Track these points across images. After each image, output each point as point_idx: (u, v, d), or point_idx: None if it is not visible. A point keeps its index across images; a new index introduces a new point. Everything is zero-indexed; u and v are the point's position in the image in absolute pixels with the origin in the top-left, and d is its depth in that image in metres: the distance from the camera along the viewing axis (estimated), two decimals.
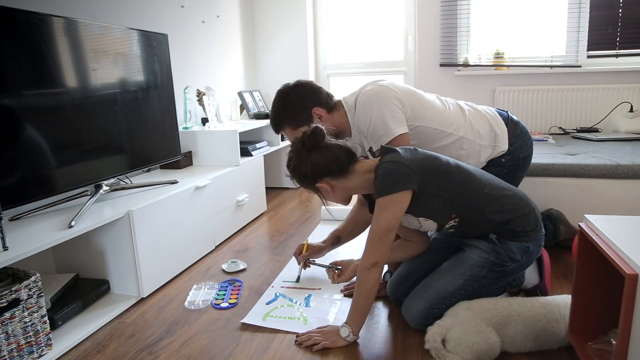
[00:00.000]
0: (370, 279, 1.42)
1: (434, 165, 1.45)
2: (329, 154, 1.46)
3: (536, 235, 1.50)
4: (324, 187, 1.48)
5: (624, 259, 1.05)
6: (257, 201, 2.92)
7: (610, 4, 3.21)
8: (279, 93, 1.73)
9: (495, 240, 1.47)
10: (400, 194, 1.38)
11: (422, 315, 1.48)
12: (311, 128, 1.47)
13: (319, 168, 1.46)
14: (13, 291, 1.33)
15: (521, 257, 1.48)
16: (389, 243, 1.42)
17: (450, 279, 1.49)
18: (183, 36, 2.91)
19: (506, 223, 1.46)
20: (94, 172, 1.86)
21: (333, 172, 1.46)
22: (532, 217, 1.49)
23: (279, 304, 1.74)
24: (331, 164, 1.45)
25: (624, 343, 1.03)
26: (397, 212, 1.39)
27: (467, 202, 1.46)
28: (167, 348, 1.50)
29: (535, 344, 1.37)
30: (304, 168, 1.47)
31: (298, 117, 1.67)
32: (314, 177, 1.47)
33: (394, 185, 1.38)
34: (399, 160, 1.41)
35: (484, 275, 1.48)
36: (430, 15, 3.57)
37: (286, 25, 3.88)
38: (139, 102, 2.08)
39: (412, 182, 1.39)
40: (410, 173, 1.39)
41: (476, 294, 1.49)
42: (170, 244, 2.01)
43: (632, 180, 2.11)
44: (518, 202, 1.49)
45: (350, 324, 1.46)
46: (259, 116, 3.35)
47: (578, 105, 3.33)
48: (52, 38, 1.64)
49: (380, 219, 1.40)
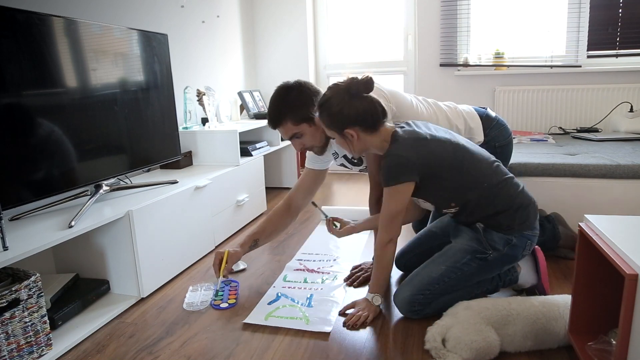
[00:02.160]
0: (388, 254, 1.59)
1: (438, 159, 1.52)
2: (369, 105, 1.51)
3: (522, 230, 1.54)
4: (351, 134, 1.52)
5: (624, 259, 1.05)
6: (257, 201, 2.92)
7: (610, 4, 3.21)
8: (281, 88, 1.72)
9: (480, 229, 1.55)
10: (403, 185, 1.51)
11: (407, 301, 1.57)
12: (365, 77, 1.49)
13: (357, 115, 1.49)
14: (13, 291, 1.33)
15: (502, 247, 1.54)
16: (399, 222, 1.57)
17: (434, 266, 1.59)
18: (183, 36, 2.91)
19: (496, 215, 1.54)
20: (94, 172, 1.86)
21: (366, 123, 1.51)
22: (522, 212, 1.54)
23: (281, 304, 1.74)
24: (368, 115, 1.51)
25: (624, 343, 1.03)
26: (401, 200, 1.53)
27: (467, 194, 1.54)
28: (167, 348, 1.50)
29: (535, 343, 1.37)
30: (345, 110, 1.49)
31: (299, 111, 1.66)
32: (348, 122, 1.50)
33: (397, 177, 1.50)
34: (404, 153, 1.50)
35: (466, 263, 1.55)
36: (430, 15, 3.57)
37: (286, 25, 3.88)
38: (139, 102, 2.08)
39: (414, 175, 1.50)
40: (412, 166, 1.50)
41: (460, 282, 1.56)
42: (170, 244, 2.01)
43: (632, 180, 2.11)
44: (514, 197, 1.55)
45: (378, 292, 1.61)
46: (259, 116, 3.35)
47: (578, 105, 3.33)
48: (52, 38, 1.64)
49: (388, 206, 1.54)
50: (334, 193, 3.47)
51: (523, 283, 1.69)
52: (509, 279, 1.66)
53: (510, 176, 1.59)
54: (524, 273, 1.68)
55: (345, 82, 1.51)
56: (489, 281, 1.64)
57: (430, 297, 1.55)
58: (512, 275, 1.67)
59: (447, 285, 1.55)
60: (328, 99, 1.52)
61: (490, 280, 1.64)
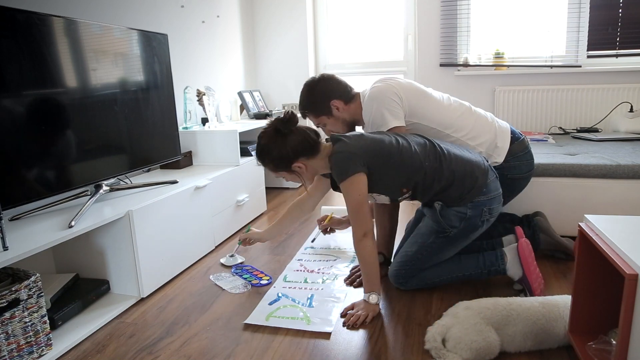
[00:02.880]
0: (366, 248, 1.63)
1: (377, 148, 1.64)
2: (301, 135, 1.65)
3: (474, 196, 1.65)
4: (300, 167, 1.66)
5: (624, 259, 1.05)
6: (257, 201, 2.92)
7: (610, 4, 3.21)
8: (306, 85, 1.98)
9: (438, 209, 1.68)
10: (355, 176, 1.59)
11: (394, 275, 1.79)
12: (285, 114, 1.63)
13: (297, 149, 1.63)
14: (13, 291, 1.33)
15: (459, 223, 1.67)
16: (366, 213, 1.62)
17: (409, 246, 1.77)
18: (183, 36, 2.91)
19: (444, 190, 1.65)
20: (94, 172, 1.86)
21: (307, 151, 1.65)
22: (468, 180, 1.65)
23: (282, 304, 1.74)
24: (305, 143, 1.64)
25: (624, 343, 1.03)
26: (359, 190, 1.60)
27: (411, 177, 1.65)
28: (167, 348, 1.50)
29: (535, 343, 1.37)
30: (283, 151, 1.63)
31: (319, 107, 1.94)
32: (291, 159, 1.64)
33: (347, 170, 1.59)
34: (346, 149, 1.62)
35: (433, 241, 1.73)
36: (430, 15, 3.57)
37: (286, 25, 3.88)
38: (139, 102, 2.08)
39: (361, 165, 1.60)
40: (357, 158, 1.60)
41: (433, 258, 1.75)
42: (170, 244, 2.01)
43: (632, 180, 2.11)
44: (455, 169, 1.65)
45: (372, 290, 1.64)
46: (259, 116, 3.35)
47: (578, 105, 3.33)
48: (52, 38, 1.64)
49: (349, 199, 1.62)
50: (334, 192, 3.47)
51: (512, 275, 1.72)
52: (494, 269, 1.74)
53: (443, 152, 1.68)
54: (511, 266, 1.71)
55: (271, 125, 1.66)
56: (473, 267, 1.76)
57: (411, 271, 1.75)
58: (499, 267, 1.73)
59: (421, 261, 1.74)
60: (263, 147, 1.66)
61: (474, 266, 1.76)
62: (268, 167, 1.69)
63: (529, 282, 1.67)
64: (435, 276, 1.77)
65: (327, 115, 1.95)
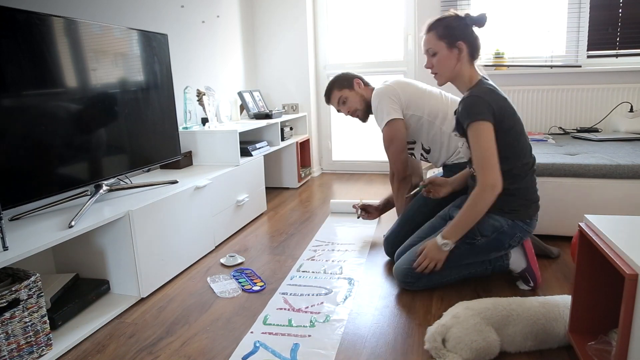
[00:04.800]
0: (484, 201, 1.57)
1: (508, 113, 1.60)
2: (477, 38, 1.71)
3: (519, 217, 1.65)
4: (460, 48, 1.67)
5: (624, 259, 1.05)
6: (257, 201, 2.92)
7: (610, 4, 3.21)
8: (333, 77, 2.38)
9: None
10: (482, 123, 1.56)
11: (403, 273, 1.76)
12: (481, 14, 1.69)
13: (470, 36, 1.68)
14: (13, 291, 1.33)
15: (491, 233, 1.65)
16: (495, 166, 1.56)
17: None
18: (183, 36, 2.91)
19: (509, 195, 1.62)
20: (93, 172, 1.86)
21: (472, 47, 1.68)
22: (528, 204, 1.65)
23: (259, 359, 1.42)
24: (477, 42, 1.70)
25: (624, 343, 1.03)
26: (486, 138, 1.56)
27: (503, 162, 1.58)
28: (167, 348, 1.50)
29: (535, 343, 1.37)
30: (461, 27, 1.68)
31: (344, 82, 2.31)
32: (462, 36, 1.68)
33: (476, 115, 1.56)
34: (482, 96, 1.58)
35: (456, 246, 1.67)
36: (430, 15, 3.52)
37: (286, 25, 3.88)
38: (139, 102, 2.08)
39: (490, 116, 1.56)
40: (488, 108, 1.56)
41: (449, 263, 1.70)
42: (170, 244, 2.01)
43: (632, 180, 2.11)
44: (530, 187, 1.66)
45: (451, 238, 1.65)
46: (259, 116, 3.35)
47: (578, 105, 3.33)
48: (52, 38, 1.64)
49: (475, 148, 1.57)
50: (334, 192, 3.47)
51: (514, 268, 1.77)
52: (499, 265, 1.77)
53: (535, 168, 1.70)
54: (513, 260, 1.77)
55: (460, 13, 1.73)
56: (479, 264, 1.76)
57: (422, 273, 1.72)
58: (503, 262, 1.77)
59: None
60: (446, 17, 1.72)
61: (480, 263, 1.76)
62: (437, 30, 1.71)
63: (534, 271, 1.73)
64: (444, 276, 1.77)
65: (350, 88, 2.29)
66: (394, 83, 2.17)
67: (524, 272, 1.76)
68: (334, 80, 2.34)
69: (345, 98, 2.28)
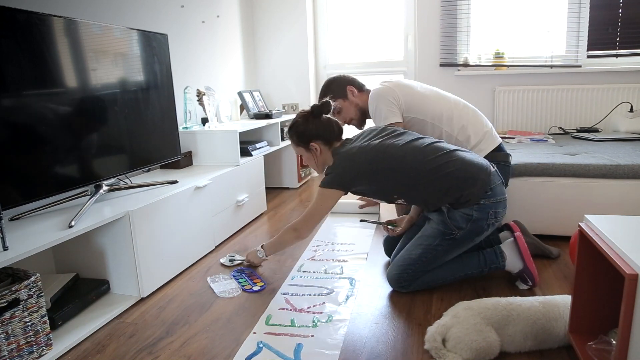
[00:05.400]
0: (289, 239, 1.89)
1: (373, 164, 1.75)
2: (327, 123, 1.89)
3: (478, 198, 1.69)
4: (315, 148, 1.87)
5: (624, 259, 1.05)
6: (257, 201, 2.92)
7: (610, 4, 3.21)
8: (326, 81, 2.36)
9: (445, 210, 1.72)
10: (331, 191, 1.80)
11: (396, 279, 1.79)
12: (322, 101, 1.89)
13: (319, 131, 1.87)
14: (13, 291, 1.33)
15: (465, 224, 1.70)
16: (314, 223, 1.86)
17: (413, 248, 1.79)
18: (183, 36, 2.91)
19: (445, 194, 1.70)
20: (94, 172, 1.86)
21: (326, 137, 1.88)
22: (468, 183, 1.68)
23: (262, 359, 1.42)
24: (327, 131, 1.88)
25: (624, 343, 1.03)
26: (326, 204, 1.82)
27: (401, 187, 1.76)
28: (167, 348, 1.50)
29: (535, 343, 1.37)
30: (308, 128, 1.87)
31: (337, 90, 2.27)
32: (311, 137, 1.87)
33: (332, 181, 1.79)
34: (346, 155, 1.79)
35: (438, 244, 1.75)
36: (430, 15, 3.57)
37: (286, 25, 3.88)
38: (139, 102, 2.08)
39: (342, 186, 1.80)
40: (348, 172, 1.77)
41: (437, 260, 1.77)
42: (170, 244, 2.01)
43: (632, 180, 2.11)
44: (452, 173, 1.69)
45: (267, 251, 1.99)
46: (259, 116, 3.35)
47: (578, 105, 3.33)
48: (52, 38, 1.64)
49: (314, 203, 1.82)
50: None
51: (511, 269, 1.78)
52: (494, 266, 1.78)
53: (444, 154, 1.72)
54: (510, 261, 1.78)
55: (309, 108, 1.90)
56: (475, 266, 1.79)
57: (413, 274, 1.76)
58: (499, 264, 1.78)
59: (425, 264, 1.76)
60: (295, 121, 1.91)
61: (476, 265, 1.79)
62: (292, 139, 1.93)
63: (531, 271, 1.73)
64: (438, 278, 1.79)
65: (343, 98, 2.27)
66: (393, 84, 2.14)
67: (522, 273, 1.76)
68: (325, 90, 2.31)
69: (339, 109, 2.28)
